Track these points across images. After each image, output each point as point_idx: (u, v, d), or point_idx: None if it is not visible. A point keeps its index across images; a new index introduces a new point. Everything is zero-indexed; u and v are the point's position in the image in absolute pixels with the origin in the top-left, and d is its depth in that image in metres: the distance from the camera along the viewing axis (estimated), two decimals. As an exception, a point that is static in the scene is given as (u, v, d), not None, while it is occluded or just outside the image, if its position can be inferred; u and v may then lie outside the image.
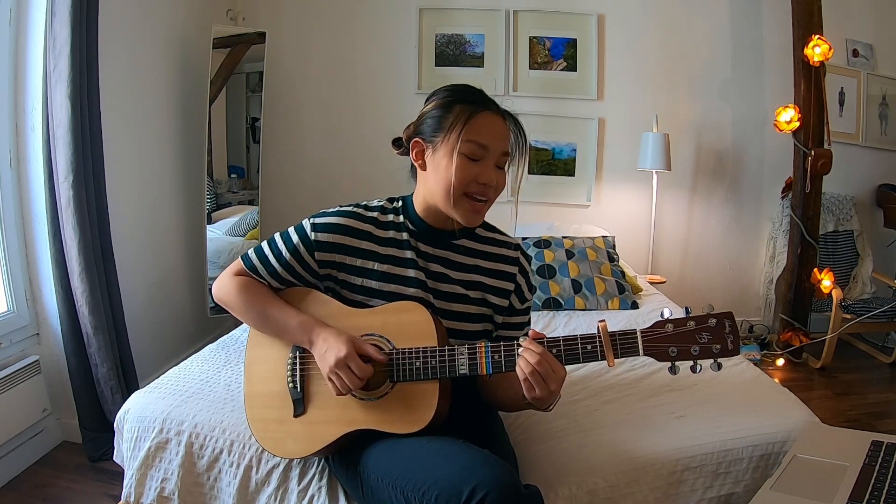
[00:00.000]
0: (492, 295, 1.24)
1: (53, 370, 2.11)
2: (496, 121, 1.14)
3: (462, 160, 1.12)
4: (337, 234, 1.19)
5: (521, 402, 1.12)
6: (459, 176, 1.11)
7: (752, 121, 3.32)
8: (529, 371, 1.01)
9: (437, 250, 1.22)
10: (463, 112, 1.13)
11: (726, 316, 1.02)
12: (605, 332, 1.03)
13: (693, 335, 1.02)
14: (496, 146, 1.13)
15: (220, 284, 1.25)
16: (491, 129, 1.13)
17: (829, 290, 2.97)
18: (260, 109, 3.09)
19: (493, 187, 1.15)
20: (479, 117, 1.13)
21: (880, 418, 2.50)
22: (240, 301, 1.21)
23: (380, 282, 1.18)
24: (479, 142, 1.12)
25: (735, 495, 1.31)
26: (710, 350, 1.01)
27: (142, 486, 1.38)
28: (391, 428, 1.11)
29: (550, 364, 1.02)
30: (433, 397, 1.10)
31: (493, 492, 0.90)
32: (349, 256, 1.19)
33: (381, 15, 3.28)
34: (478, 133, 1.12)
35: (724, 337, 1.01)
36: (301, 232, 1.20)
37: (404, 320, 1.14)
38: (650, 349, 1.03)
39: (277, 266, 1.20)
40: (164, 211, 2.73)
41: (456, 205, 1.14)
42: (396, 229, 1.22)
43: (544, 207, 3.37)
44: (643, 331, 1.04)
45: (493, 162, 1.14)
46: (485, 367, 1.08)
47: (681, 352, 1.02)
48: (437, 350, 1.10)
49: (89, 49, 1.96)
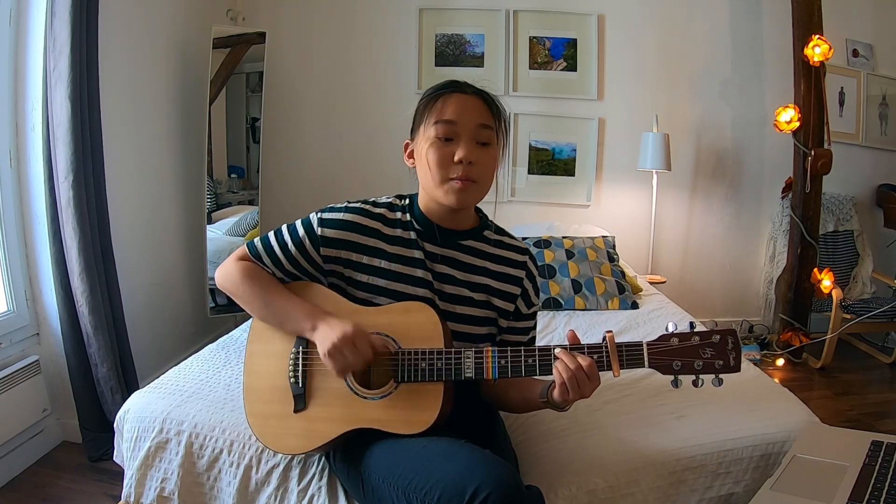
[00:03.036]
0: (497, 298, 1.23)
1: (53, 370, 2.11)
2: (465, 99, 1.15)
3: (435, 143, 1.13)
4: (344, 230, 1.18)
5: (535, 403, 1.14)
6: (434, 157, 1.13)
7: (752, 121, 3.32)
8: (568, 376, 1.02)
9: (443, 250, 1.21)
10: (432, 99, 1.16)
11: (730, 333, 1.04)
12: (613, 343, 1.04)
13: (697, 350, 1.04)
14: (466, 120, 1.13)
15: (223, 270, 1.22)
16: (457, 106, 1.14)
17: (829, 290, 2.97)
18: (260, 109, 3.09)
19: (474, 164, 1.13)
20: (445, 98, 1.14)
21: (880, 418, 2.50)
22: (243, 286, 1.19)
23: (387, 280, 1.17)
24: (446, 118, 1.13)
25: (735, 495, 1.31)
26: (713, 366, 1.04)
27: (142, 486, 1.38)
28: (393, 428, 1.10)
29: (587, 371, 1.02)
30: (437, 399, 1.09)
31: (495, 492, 0.90)
32: (356, 253, 1.18)
33: (380, 15, 3.28)
34: (443, 112, 1.13)
35: (727, 353, 1.04)
36: (308, 226, 1.19)
37: (411, 321, 1.13)
38: (655, 362, 1.05)
39: (282, 257, 1.19)
40: (164, 211, 2.73)
41: (440, 187, 1.14)
42: (404, 228, 1.21)
43: (544, 207, 3.37)
44: (649, 343, 1.05)
45: (470, 137, 1.14)
46: (491, 372, 1.08)
47: (684, 365, 1.04)
48: (444, 352, 1.09)
49: (89, 49, 1.96)
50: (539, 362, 1.07)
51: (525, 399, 1.18)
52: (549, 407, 1.12)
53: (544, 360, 1.07)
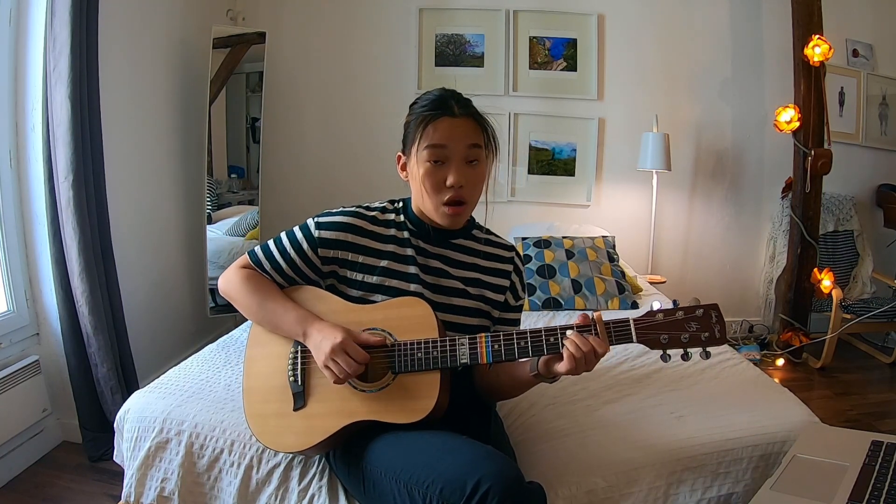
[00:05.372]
0: (489, 290, 1.28)
1: (53, 370, 2.11)
2: (454, 122, 1.17)
3: (428, 166, 1.17)
4: (340, 231, 1.22)
5: (525, 380, 1.18)
6: (428, 183, 1.18)
7: (752, 121, 3.32)
8: (579, 355, 1.06)
9: (436, 248, 1.26)
10: (421, 122, 1.18)
11: (712, 307, 1.09)
12: (601, 321, 1.09)
13: (682, 324, 1.08)
14: (456, 143, 1.17)
15: (225, 277, 1.28)
16: (447, 130, 1.17)
17: (829, 290, 2.97)
18: (260, 109, 3.09)
19: (465, 185, 1.18)
20: (435, 123, 1.17)
21: (880, 418, 2.50)
22: (241, 292, 1.24)
23: (381, 277, 1.22)
24: (436, 143, 1.16)
25: (735, 495, 1.31)
26: (700, 338, 1.08)
27: (142, 486, 1.38)
28: (392, 418, 1.12)
29: (595, 348, 1.07)
30: (434, 388, 1.11)
31: (496, 485, 0.91)
32: (352, 253, 1.22)
33: (381, 15, 3.28)
34: (432, 137, 1.16)
35: (712, 326, 1.08)
36: (305, 230, 1.24)
37: (405, 314, 1.16)
38: (643, 336, 1.09)
39: (282, 262, 1.24)
40: (164, 211, 2.73)
41: (435, 211, 1.20)
42: (398, 228, 1.26)
43: (544, 207, 3.37)
44: (636, 319, 1.10)
45: (460, 159, 1.17)
46: (485, 357, 1.11)
47: (671, 339, 1.08)
48: (439, 341, 1.12)
49: (89, 49, 1.96)
50: (531, 345, 1.10)
51: (513, 378, 1.22)
52: (539, 381, 1.17)
53: (536, 342, 1.10)
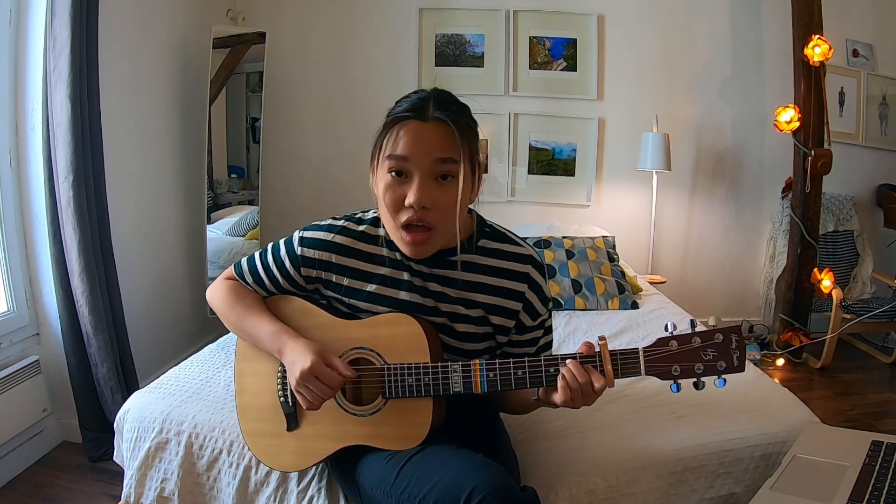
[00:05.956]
0: (495, 315, 1.13)
1: (53, 370, 2.11)
2: (422, 128, 0.99)
3: (388, 179, 1.01)
4: (324, 250, 1.14)
5: (529, 403, 1.13)
6: (388, 198, 1.01)
7: (752, 121, 3.31)
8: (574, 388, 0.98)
9: (433, 269, 1.12)
10: (385, 128, 1.02)
11: (733, 331, 0.98)
12: (606, 351, 0.99)
13: (698, 352, 0.98)
14: (420, 155, 0.99)
15: (211, 288, 1.25)
16: (412, 137, 0.99)
17: (829, 290, 2.97)
18: (260, 109, 3.09)
19: (429, 208, 1.00)
20: (399, 129, 1.00)
21: (880, 418, 2.50)
22: (223, 304, 1.20)
23: (367, 303, 1.13)
24: (397, 154, 0.99)
25: (735, 495, 1.31)
26: (715, 367, 0.98)
27: (142, 486, 1.38)
28: (385, 444, 1.08)
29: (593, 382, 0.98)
30: (427, 415, 1.07)
31: (490, 495, 0.90)
32: (336, 275, 1.14)
33: (381, 15, 3.28)
34: (394, 146, 0.99)
35: (730, 353, 0.98)
36: (289, 245, 1.17)
37: (395, 333, 1.09)
38: (653, 369, 0.99)
39: (264, 277, 1.19)
40: (164, 211, 2.73)
41: (395, 233, 1.04)
42: (390, 247, 1.13)
43: (544, 207, 3.37)
44: (645, 349, 1.00)
45: (425, 175, 0.99)
46: (479, 386, 1.03)
47: (684, 370, 0.99)
48: (431, 367, 1.05)
49: (89, 49, 1.96)
50: (529, 375, 1.01)
51: (520, 399, 1.18)
52: (541, 405, 1.11)
53: (535, 371, 1.01)
